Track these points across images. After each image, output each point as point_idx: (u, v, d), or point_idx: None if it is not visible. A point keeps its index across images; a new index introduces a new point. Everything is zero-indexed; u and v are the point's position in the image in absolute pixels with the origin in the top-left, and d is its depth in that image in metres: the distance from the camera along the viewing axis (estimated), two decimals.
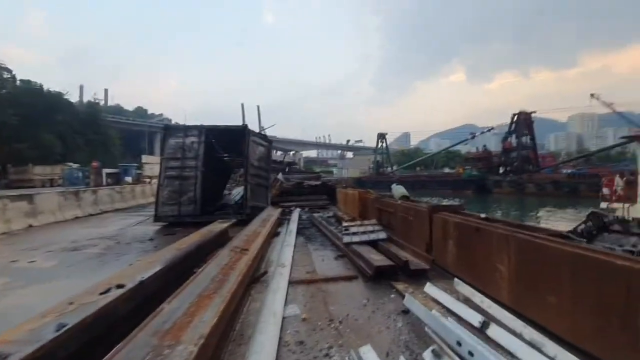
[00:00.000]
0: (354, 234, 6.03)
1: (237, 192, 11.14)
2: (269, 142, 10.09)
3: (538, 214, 30.30)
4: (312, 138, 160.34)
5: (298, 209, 11.33)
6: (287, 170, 27.27)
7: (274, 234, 6.88)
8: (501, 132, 77.96)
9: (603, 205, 9.41)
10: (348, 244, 5.49)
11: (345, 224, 7.10)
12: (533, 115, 58.22)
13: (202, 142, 9.06)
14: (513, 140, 57.57)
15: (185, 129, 9.16)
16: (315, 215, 9.47)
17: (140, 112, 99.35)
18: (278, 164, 28.11)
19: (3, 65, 45.93)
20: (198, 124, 9.49)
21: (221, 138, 10.26)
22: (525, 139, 56.99)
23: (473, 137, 69.30)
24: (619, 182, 9.55)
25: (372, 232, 6.07)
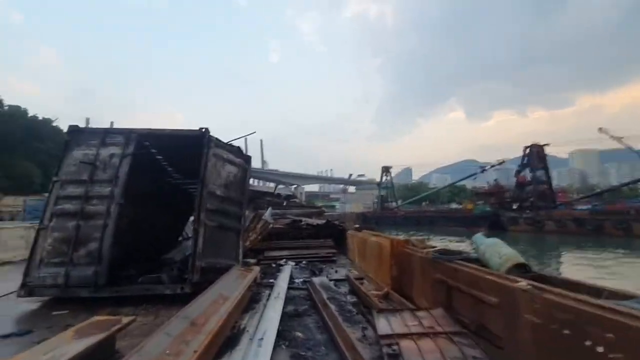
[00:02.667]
0: None
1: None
2: (246, 160, 6.43)
3: (569, 257, 26.03)
4: (314, 172, 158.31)
5: (291, 264, 7.45)
6: (285, 204, 23.55)
7: (222, 344, 3.04)
8: (502, 168, 75.05)
9: None
10: None
11: (380, 320, 3.25)
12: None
13: (129, 155, 5.38)
14: (527, 174, 54.28)
15: (104, 134, 5.53)
16: (317, 280, 5.59)
17: None
18: (274, 197, 24.43)
19: None
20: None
21: (170, 151, 6.62)
22: (540, 173, 53.70)
23: (483, 171, 66.11)
24: None
25: None
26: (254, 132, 7.27)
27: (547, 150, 56.51)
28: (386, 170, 77.85)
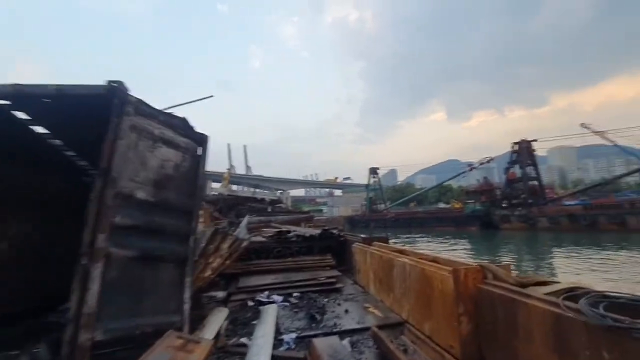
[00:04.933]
0: None
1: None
2: (198, 141, 3.96)
3: (568, 257, 24.36)
4: (299, 177, 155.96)
5: (277, 299, 4.98)
6: (269, 210, 21.00)
7: None
8: (485, 167, 74.62)
9: None
10: None
11: None
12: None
13: None
14: (517, 170, 53.55)
15: None
16: (322, 344, 3.16)
17: None
18: (258, 202, 21.86)
19: None
20: None
21: (65, 126, 4.05)
22: (530, 170, 53.03)
23: (471, 170, 65.29)
24: None
25: None
26: (212, 96, 4.82)
27: None
28: (374, 171, 76.16)
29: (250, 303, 4.82)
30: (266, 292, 5.22)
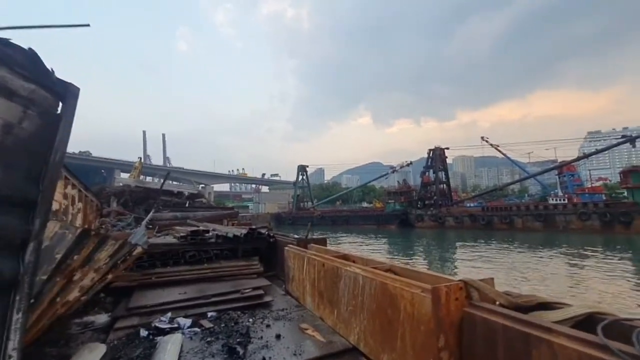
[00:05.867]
0: None
1: None
2: (57, 92, 2.51)
3: (469, 251, 27.51)
4: (225, 171, 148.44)
5: (183, 324, 3.69)
6: (188, 204, 18.71)
7: None
8: (402, 170, 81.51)
9: None
10: None
11: None
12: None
13: None
14: (431, 174, 58.78)
15: None
16: None
17: None
18: (174, 196, 19.32)
19: None
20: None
21: None
22: (441, 174, 58.69)
23: (394, 172, 69.72)
24: None
25: None
26: (88, 25, 3.33)
27: None
28: (303, 169, 76.17)
29: (144, 332, 3.46)
30: (168, 314, 3.89)
